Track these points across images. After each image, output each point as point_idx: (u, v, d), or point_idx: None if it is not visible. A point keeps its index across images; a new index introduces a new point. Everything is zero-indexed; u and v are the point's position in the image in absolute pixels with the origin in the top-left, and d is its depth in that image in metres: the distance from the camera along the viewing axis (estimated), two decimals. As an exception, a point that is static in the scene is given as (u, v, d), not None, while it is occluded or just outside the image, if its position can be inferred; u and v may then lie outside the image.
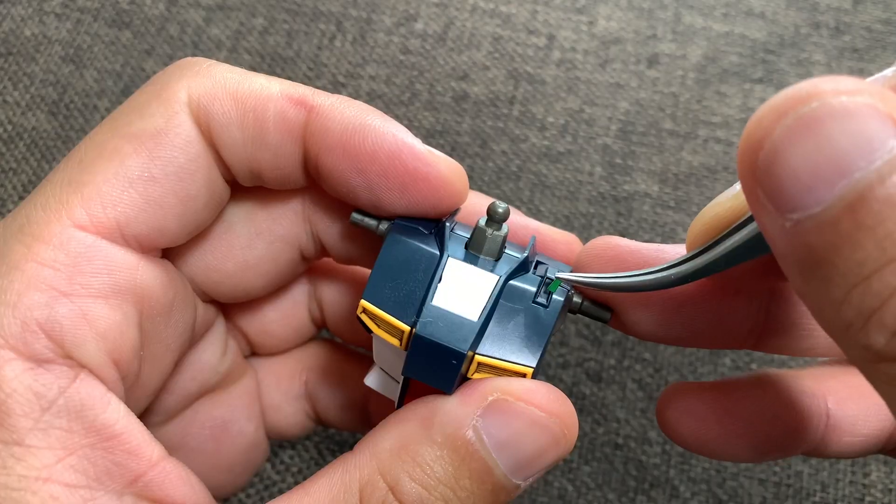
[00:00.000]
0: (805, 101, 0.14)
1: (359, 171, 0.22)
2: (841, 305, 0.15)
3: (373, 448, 0.21)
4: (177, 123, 0.21)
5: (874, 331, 0.14)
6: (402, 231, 0.22)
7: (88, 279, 0.20)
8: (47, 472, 0.19)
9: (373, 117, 0.22)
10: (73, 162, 0.21)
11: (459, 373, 0.21)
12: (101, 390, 0.20)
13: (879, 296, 0.14)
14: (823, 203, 0.14)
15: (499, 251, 0.22)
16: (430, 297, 0.21)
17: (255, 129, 0.22)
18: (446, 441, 0.20)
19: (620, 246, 0.23)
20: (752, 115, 0.15)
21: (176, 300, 0.23)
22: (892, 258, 0.14)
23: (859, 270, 0.14)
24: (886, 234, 0.14)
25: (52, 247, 0.20)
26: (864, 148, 0.14)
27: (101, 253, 0.20)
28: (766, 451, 0.24)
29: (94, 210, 0.20)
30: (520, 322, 0.21)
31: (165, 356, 0.24)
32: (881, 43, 0.45)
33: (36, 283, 0.20)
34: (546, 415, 0.20)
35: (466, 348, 0.20)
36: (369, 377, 0.25)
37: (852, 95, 0.14)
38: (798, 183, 0.14)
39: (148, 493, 0.20)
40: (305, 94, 0.22)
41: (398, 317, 0.21)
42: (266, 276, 0.26)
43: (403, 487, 0.20)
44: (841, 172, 0.14)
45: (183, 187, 0.22)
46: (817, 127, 0.14)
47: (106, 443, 0.20)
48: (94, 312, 0.20)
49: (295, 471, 0.35)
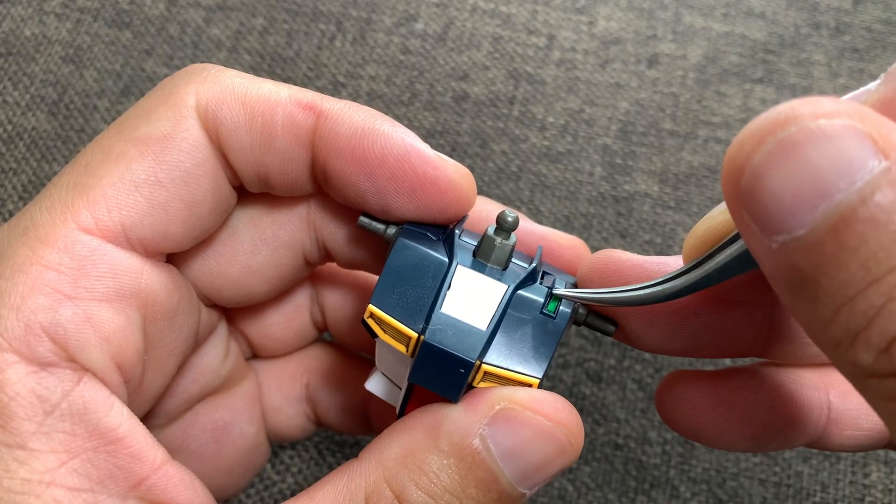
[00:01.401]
0: (783, 126, 0.15)
1: (368, 175, 0.22)
2: (829, 324, 0.15)
3: (379, 456, 0.21)
4: (184, 128, 0.21)
5: (861, 349, 0.14)
6: (410, 236, 0.22)
7: (93, 283, 0.20)
8: (50, 475, 0.19)
9: (381, 122, 0.22)
10: (80, 165, 0.21)
11: (466, 381, 0.21)
12: (104, 394, 0.20)
13: (865, 315, 0.14)
14: (806, 225, 0.14)
15: (506, 261, 0.22)
16: (439, 304, 0.21)
17: (264, 134, 0.22)
18: (453, 450, 0.20)
19: (622, 260, 0.23)
20: (734, 139, 0.16)
21: (180, 305, 0.23)
22: (875, 278, 0.14)
23: (845, 290, 0.14)
24: (870, 254, 0.14)
25: (57, 250, 0.20)
26: (844, 169, 0.14)
27: (106, 257, 0.20)
28: (764, 441, 0.24)
29: (100, 213, 0.20)
30: (527, 332, 0.21)
31: (168, 360, 0.24)
32: (881, 43, 0.45)
33: (40, 287, 0.20)
34: (553, 424, 0.20)
35: (475, 357, 0.20)
36: (370, 382, 0.25)
37: (830, 118, 0.14)
38: (780, 206, 0.15)
39: (151, 496, 0.20)
40: (314, 100, 0.22)
41: (406, 323, 0.21)
42: (269, 282, 0.26)
43: (410, 496, 0.20)
44: (822, 195, 0.14)
45: (189, 192, 0.22)
46: (796, 151, 0.14)
47: (109, 446, 0.20)
48: (98, 316, 0.20)
49: (295, 471, 0.35)
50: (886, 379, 0.15)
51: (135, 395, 0.22)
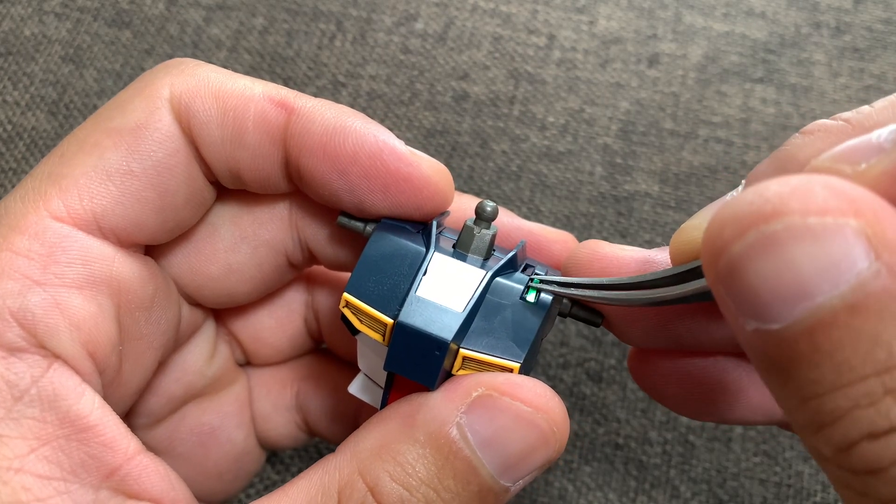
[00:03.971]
0: (768, 220, 0.14)
1: (340, 173, 0.22)
2: (794, 409, 0.14)
3: (354, 448, 0.20)
4: (157, 119, 0.21)
5: (822, 443, 0.14)
6: (388, 228, 0.22)
7: (63, 269, 0.20)
8: (19, 462, 0.19)
9: (353, 119, 0.22)
10: (55, 156, 0.21)
11: (443, 366, 0.20)
12: (74, 381, 0.20)
13: (831, 414, 0.14)
14: (783, 321, 0.14)
15: (487, 250, 0.22)
16: (414, 287, 0.20)
17: (235, 129, 0.22)
18: (429, 439, 0.19)
19: (605, 253, 0.22)
20: (715, 217, 0.14)
21: (157, 296, 0.23)
22: (846, 383, 0.13)
23: (813, 388, 0.14)
24: (843, 360, 0.13)
25: (28, 236, 0.20)
26: (830, 272, 0.13)
27: (77, 244, 0.20)
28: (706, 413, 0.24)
29: (71, 202, 0.20)
30: (507, 318, 0.21)
31: (147, 353, 0.23)
32: (882, 43, 0.44)
33: (9, 272, 0.19)
34: (532, 410, 0.20)
35: (450, 337, 0.20)
36: (353, 385, 0.24)
37: (821, 215, 0.13)
38: (757, 299, 0.14)
39: (125, 487, 0.20)
40: (287, 97, 0.22)
41: (381, 310, 0.20)
42: (251, 282, 0.25)
43: (384, 488, 0.19)
44: (803, 295, 0.13)
45: (161, 182, 0.21)
46: (780, 250, 0.14)
47: (80, 434, 0.19)
48: (68, 302, 0.20)
49: (295, 471, 0.35)
50: (842, 470, 0.14)
51: (113, 388, 0.22)
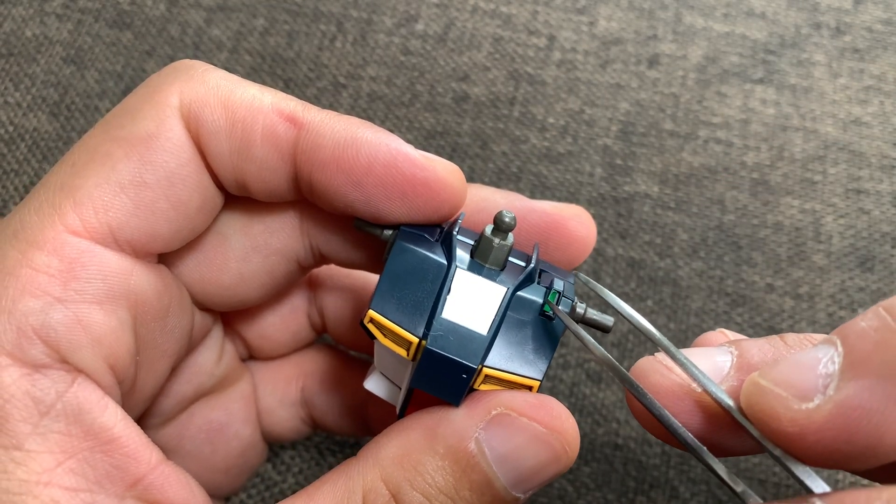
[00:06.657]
0: None
1: (355, 185, 0.22)
2: None
3: (376, 455, 0.21)
4: (168, 128, 0.21)
5: None
6: (408, 239, 0.22)
7: (83, 285, 0.20)
8: (48, 476, 0.19)
9: (364, 130, 0.22)
10: (66, 165, 0.21)
11: (468, 386, 0.21)
12: (98, 394, 0.20)
13: None
14: None
15: (504, 261, 0.22)
16: (439, 310, 0.21)
17: (242, 142, 0.22)
18: (448, 452, 0.20)
19: (664, 386, 0.21)
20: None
21: (171, 306, 0.23)
22: None
23: None
24: None
25: (46, 252, 0.20)
26: None
27: (96, 258, 0.20)
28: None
29: (87, 215, 0.20)
30: (527, 334, 0.22)
31: (161, 361, 0.24)
32: (882, 43, 0.45)
33: (31, 289, 0.20)
34: (548, 431, 0.21)
35: (477, 363, 0.20)
36: (369, 381, 0.25)
37: None
38: None
39: (148, 496, 0.20)
40: (296, 110, 0.22)
41: (406, 328, 0.21)
42: (263, 288, 0.26)
43: (405, 495, 0.20)
44: None
45: (174, 192, 0.22)
46: None
47: (105, 446, 0.20)
48: (89, 318, 0.20)
49: (296, 471, 0.35)
50: None
51: (128, 396, 0.22)
